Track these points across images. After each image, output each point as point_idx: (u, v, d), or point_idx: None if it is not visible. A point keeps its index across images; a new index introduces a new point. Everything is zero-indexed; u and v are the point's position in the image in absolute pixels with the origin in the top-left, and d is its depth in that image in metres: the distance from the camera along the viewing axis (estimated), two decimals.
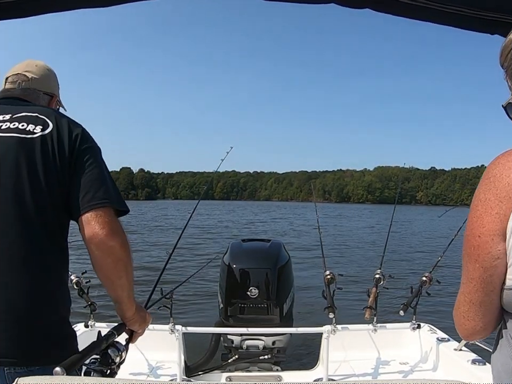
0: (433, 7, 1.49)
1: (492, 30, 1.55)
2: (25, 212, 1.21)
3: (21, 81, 1.53)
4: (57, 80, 1.69)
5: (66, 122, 1.35)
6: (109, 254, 1.28)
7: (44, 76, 1.59)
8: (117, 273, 1.33)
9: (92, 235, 1.26)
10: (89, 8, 1.62)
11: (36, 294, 1.19)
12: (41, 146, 1.26)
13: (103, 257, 1.29)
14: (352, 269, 11.10)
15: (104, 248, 1.27)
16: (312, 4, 1.64)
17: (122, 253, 1.30)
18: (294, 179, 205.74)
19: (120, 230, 1.32)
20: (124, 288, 1.39)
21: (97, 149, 1.40)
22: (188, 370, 3.07)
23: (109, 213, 1.29)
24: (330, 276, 3.10)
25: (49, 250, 1.25)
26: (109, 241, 1.26)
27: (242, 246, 3.43)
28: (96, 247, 1.27)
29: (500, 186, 0.86)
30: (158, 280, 2.65)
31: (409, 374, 3.02)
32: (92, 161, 1.33)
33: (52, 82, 1.64)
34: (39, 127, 1.29)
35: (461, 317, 1.00)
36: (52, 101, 1.62)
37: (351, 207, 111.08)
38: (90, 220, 1.26)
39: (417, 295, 2.99)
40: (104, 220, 1.27)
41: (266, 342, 3.10)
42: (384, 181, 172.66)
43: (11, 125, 1.29)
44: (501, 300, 0.93)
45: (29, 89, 1.52)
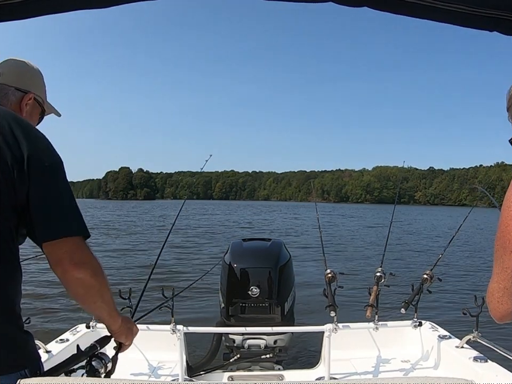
0: (432, 5, 1.48)
1: (491, 27, 1.55)
2: None
3: None
4: (38, 78, 1.58)
5: (20, 128, 1.21)
6: (79, 285, 1.24)
7: (18, 72, 1.49)
8: (91, 298, 1.31)
9: (60, 271, 1.21)
10: (87, 9, 1.59)
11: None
12: None
13: (73, 288, 1.25)
14: (353, 267, 11.12)
15: (73, 281, 1.23)
16: (310, 3, 1.63)
17: (93, 282, 1.25)
18: (293, 179, 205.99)
19: (88, 258, 1.25)
20: (101, 309, 1.38)
21: (59, 161, 1.27)
22: (189, 370, 3.07)
23: (73, 243, 1.21)
24: (331, 274, 3.10)
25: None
26: (77, 273, 1.21)
27: (243, 246, 3.42)
28: (66, 281, 1.23)
29: None
30: (149, 278, 2.68)
31: (411, 372, 3.02)
32: (50, 180, 1.21)
33: (28, 78, 1.52)
34: None
35: (495, 302, 1.13)
36: (25, 98, 1.48)
37: (349, 207, 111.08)
38: (55, 251, 1.20)
39: (418, 293, 2.99)
40: (68, 253, 1.20)
41: (268, 341, 3.10)
42: (382, 180, 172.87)
43: None
44: None
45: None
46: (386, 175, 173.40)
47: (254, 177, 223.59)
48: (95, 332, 3.21)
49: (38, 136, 1.26)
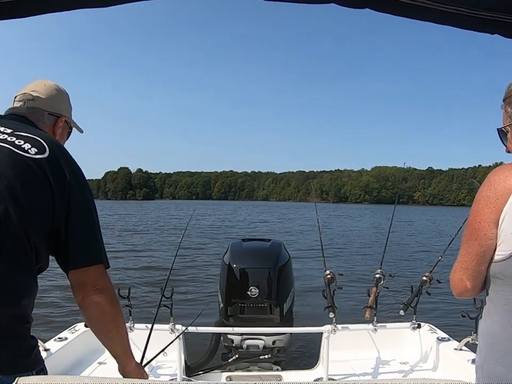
0: (433, 7, 1.48)
1: (491, 30, 1.55)
2: None
3: (26, 100, 1.53)
4: (67, 100, 1.68)
5: (64, 157, 1.32)
6: (95, 308, 1.33)
7: (50, 96, 1.58)
8: (106, 328, 1.39)
9: (81, 295, 1.31)
10: (88, 8, 1.59)
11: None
12: (31, 167, 1.22)
13: (90, 311, 1.34)
14: (352, 268, 11.11)
15: (91, 305, 1.32)
16: (312, 4, 1.63)
17: (109, 309, 1.35)
18: (292, 179, 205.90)
19: (108, 287, 1.35)
20: (116, 341, 1.45)
21: (91, 195, 1.39)
22: (188, 370, 3.06)
23: (98, 271, 1.32)
24: (331, 275, 3.10)
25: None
26: (96, 297, 1.31)
27: (243, 246, 3.42)
28: (85, 305, 1.33)
29: (498, 188, 1.18)
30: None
31: (409, 374, 3.02)
32: (87, 211, 1.33)
33: (60, 102, 1.63)
34: (34, 149, 1.25)
35: (457, 279, 1.33)
36: (58, 122, 1.59)
37: (348, 207, 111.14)
38: (81, 276, 1.30)
39: (417, 295, 2.99)
40: (92, 279, 1.30)
41: (267, 342, 3.10)
42: (381, 181, 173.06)
43: (9, 138, 1.26)
44: (488, 271, 1.24)
45: (33, 108, 1.52)
46: (385, 175, 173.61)
47: (253, 178, 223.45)
48: None
49: (77, 169, 1.35)
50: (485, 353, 1.26)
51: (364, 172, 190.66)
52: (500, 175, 1.19)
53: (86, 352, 3.19)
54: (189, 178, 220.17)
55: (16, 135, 1.28)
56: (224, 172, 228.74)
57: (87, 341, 3.23)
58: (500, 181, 1.18)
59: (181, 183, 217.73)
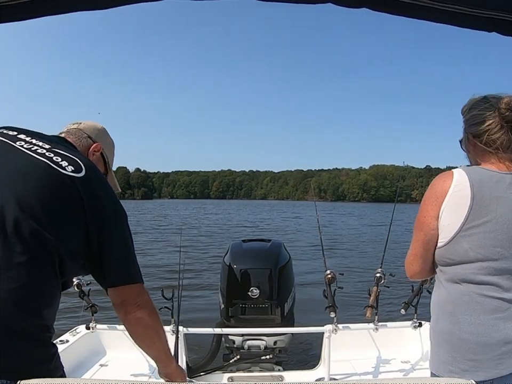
0: (431, 6, 1.47)
1: (490, 28, 1.55)
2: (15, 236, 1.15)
3: (72, 124, 1.64)
4: (110, 143, 1.75)
5: (99, 178, 1.37)
6: (139, 324, 1.40)
7: (95, 127, 1.68)
8: (150, 339, 1.46)
9: (123, 312, 1.37)
10: (88, 10, 1.59)
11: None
12: (66, 183, 1.25)
13: (134, 327, 1.42)
14: (353, 267, 11.09)
15: (134, 320, 1.39)
16: (309, 4, 1.63)
17: (151, 322, 1.41)
18: (290, 178, 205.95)
19: (147, 302, 1.41)
20: (159, 349, 1.52)
21: (125, 214, 1.42)
22: (189, 371, 3.06)
23: (137, 288, 1.38)
24: (331, 275, 3.10)
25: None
26: (138, 313, 1.37)
27: (243, 246, 3.42)
28: (128, 321, 1.39)
29: (437, 189, 1.49)
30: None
31: (411, 373, 3.03)
32: (122, 230, 1.37)
33: (101, 136, 1.69)
34: (71, 167, 1.28)
35: (408, 263, 1.63)
36: (94, 146, 1.62)
37: (346, 205, 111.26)
38: (121, 294, 1.35)
39: (418, 294, 2.99)
40: (132, 297, 1.36)
41: (268, 342, 3.10)
42: (379, 179, 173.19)
43: (47, 153, 1.29)
44: (434, 255, 1.53)
45: (74, 129, 1.60)
46: (383, 174, 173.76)
47: (251, 176, 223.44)
48: (95, 333, 3.21)
49: (111, 192, 1.40)
50: (435, 317, 1.56)
51: (362, 171, 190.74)
52: (440, 179, 1.51)
53: (87, 354, 3.19)
54: (187, 177, 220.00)
55: (54, 152, 1.31)
56: (222, 171, 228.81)
57: (89, 343, 3.23)
58: (439, 184, 1.49)
59: (179, 183, 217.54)
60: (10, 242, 1.13)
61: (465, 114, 1.60)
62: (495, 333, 1.40)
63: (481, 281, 1.42)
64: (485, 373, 1.40)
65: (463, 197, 1.43)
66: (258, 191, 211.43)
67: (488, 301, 1.41)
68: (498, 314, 1.40)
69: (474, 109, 1.56)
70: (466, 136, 1.61)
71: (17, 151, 1.27)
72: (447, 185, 1.47)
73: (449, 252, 1.47)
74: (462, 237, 1.43)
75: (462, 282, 1.45)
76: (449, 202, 1.45)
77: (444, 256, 1.49)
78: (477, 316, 1.42)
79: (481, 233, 1.41)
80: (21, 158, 1.26)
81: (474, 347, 1.41)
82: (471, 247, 1.42)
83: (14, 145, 1.29)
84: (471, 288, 1.43)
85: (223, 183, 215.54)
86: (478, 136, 1.54)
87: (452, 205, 1.45)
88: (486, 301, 1.42)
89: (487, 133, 1.51)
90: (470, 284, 1.44)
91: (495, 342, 1.39)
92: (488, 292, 1.42)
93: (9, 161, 1.25)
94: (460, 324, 1.44)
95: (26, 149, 1.29)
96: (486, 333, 1.40)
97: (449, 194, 1.46)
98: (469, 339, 1.42)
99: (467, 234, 1.42)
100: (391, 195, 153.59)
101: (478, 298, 1.42)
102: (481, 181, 1.44)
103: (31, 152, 1.28)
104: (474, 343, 1.41)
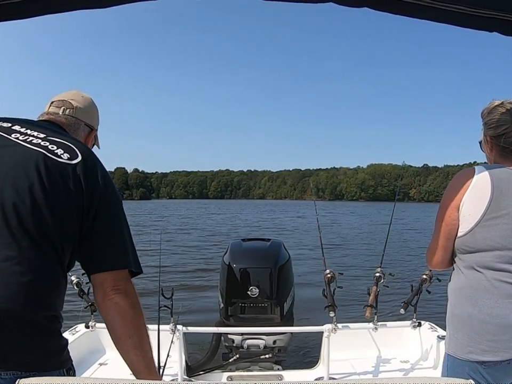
0: (432, 5, 1.48)
1: (490, 28, 1.55)
2: (16, 224, 1.15)
3: (66, 107, 1.57)
4: (98, 116, 1.73)
5: (95, 163, 1.34)
6: (116, 311, 1.27)
7: (89, 108, 1.64)
8: (127, 331, 1.27)
9: (101, 295, 1.27)
10: (86, 9, 1.59)
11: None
12: (63, 172, 1.24)
13: (111, 315, 1.28)
14: (352, 267, 11.09)
15: (111, 306, 1.27)
16: (310, 3, 1.62)
17: (131, 313, 1.28)
18: (288, 177, 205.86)
19: (130, 290, 1.30)
20: (137, 350, 1.29)
21: (120, 200, 1.39)
22: (188, 370, 3.07)
23: (122, 274, 1.29)
24: (331, 274, 3.11)
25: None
26: (116, 298, 1.26)
27: (243, 246, 3.42)
28: (105, 306, 1.27)
29: (458, 184, 1.60)
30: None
31: (410, 372, 3.03)
32: (115, 216, 1.33)
33: (94, 116, 1.69)
34: (67, 155, 1.28)
35: (431, 254, 1.72)
36: (91, 134, 1.65)
37: (344, 204, 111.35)
38: (102, 280, 1.27)
39: (417, 293, 3.00)
40: (114, 280, 1.27)
41: (267, 341, 3.11)
42: (377, 178, 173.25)
43: (42, 142, 1.29)
44: (454, 245, 1.62)
45: (72, 118, 1.56)
46: (381, 173, 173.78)
47: (249, 176, 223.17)
48: (95, 332, 3.20)
49: (107, 177, 1.36)
50: (453, 302, 1.63)
51: (360, 170, 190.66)
52: (462, 174, 1.63)
53: (87, 353, 3.19)
54: (185, 177, 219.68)
55: (49, 140, 1.31)
56: (221, 170, 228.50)
57: (88, 342, 3.23)
58: (461, 178, 1.61)
59: (177, 183, 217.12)
60: (16, 236, 1.13)
61: (485, 117, 1.71)
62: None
63: (499, 268, 1.52)
64: (504, 353, 1.48)
65: (484, 190, 1.54)
66: (256, 190, 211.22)
67: (506, 286, 1.50)
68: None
69: (492, 113, 1.67)
70: (485, 138, 1.71)
71: (13, 144, 1.27)
72: (468, 178, 1.58)
73: (469, 241, 1.56)
74: (481, 227, 1.53)
75: (481, 269, 1.54)
76: (470, 195, 1.56)
77: (464, 245, 1.58)
78: (495, 299, 1.50)
79: (499, 224, 1.52)
80: (18, 150, 1.26)
81: (494, 328, 1.49)
82: (490, 237, 1.52)
83: (10, 138, 1.29)
84: (490, 274, 1.53)
85: (221, 183, 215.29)
86: (496, 138, 1.66)
87: (472, 197, 1.56)
88: (504, 286, 1.50)
89: (504, 136, 1.63)
90: (489, 270, 1.53)
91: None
92: (506, 278, 1.51)
93: (6, 155, 1.25)
94: (479, 306, 1.52)
95: (22, 140, 1.29)
96: (504, 315, 1.49)
97: (470, 188, 1.56)
98: (488, 321, 1.50)
99: (486, 225, 1.53)
100: (389, 194, 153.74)
101: (496, 283, 1.51)
102: (500, 177, 1.56)
103: (26, 143, 1.28)
104: (494, 324, 1.49)
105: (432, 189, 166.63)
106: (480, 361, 1.50)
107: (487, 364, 1.49)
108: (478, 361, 1.51)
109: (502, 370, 1.50)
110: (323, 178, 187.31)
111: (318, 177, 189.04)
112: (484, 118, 1.71)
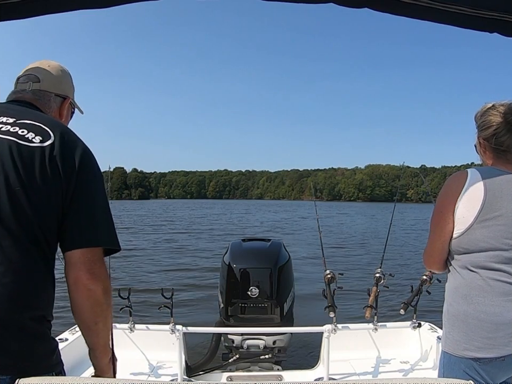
0: (432, 6, 1.48)
1: (491, 29, 1.56)
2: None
3: (32, 82, 1.46)
4: (71, 80, 1.62)
5: (70, 140, 1.27)
6: (88, 297, 1.22)
7: (56, 77, 1.53)
8: (94, 318, 1.26)
9: (73, 277, 1.21)
10: (87, 9, 1.58)
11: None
12: (37, 157, 1.18)
13: (81, 300, 1.23)
14: (352, 267, 11.08)
15: (83, 291, 1.21)
16: (310, 4, 1.62)
17: (102, 299, 1.24)
18: (286, 178, 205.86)
19: (104, 274, 1.25)
20: (99, 334, 1.31)
21: (99, 176, 1.31)
22: (188, 370, 3.07)
23: (95, 254, 1.23)
24: (331, 275, 3.11)
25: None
26: (90, 284, 1.21)
27: (243, 246, 3.41)
28: (76, 289, 1.22)
29: (452, 187, 1.63)
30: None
31: (410, 373, 3.03)
32: (90, 191, 1.27)
33: (65, 83, 1.57)
34: (39, 137, 1.21)
35: (427, 256, 1.76)
36: (64, 103, 1.54)
37: (342, 205, 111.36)
38: (75, 260, 1.21)
39: (417, 294, 3.00)
40: (88, 262, 1.20)
41: (267, 342, 3.10)
42: (374, 179, 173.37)
43: (11, 128, 1.22)
44: (450, 246, 1.65)
45: (39, 92, 1.46)
46: (379, 173, 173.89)
47: (247, 176, 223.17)
48: None
49: (84, 150, 1.29)
50: (449, 300, 1.67)
51: (358, 170, 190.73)
52: (455, 177, 1.66)
53: (87, 353, 3.18)
54: (183, 177, 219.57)
55: (19, 124, 1.24)
56: (219, 171, 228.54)
57: None
58: (454, 181, 1.64)
59: (175, 183, 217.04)
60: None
61: (477, 120, 1.75)
62: (507, 313, 1.52)
63: (494, 267, 1.56)
64: (499, 350, 1.52)
65: (477, 192, 1.57)
66: (254, 190, 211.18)
67: (500, 285, 1.54)
68: (509, 297, 1.53)
69: (484, 115, 1.71)
70: (479, 141, 1.76)
71: None
72: (462, 182, 1.61)
73: (464, 242, 1.60)
74: (475, 228, 1.57)
75: (476, 269, 1.58)
76: (464, 197, 1.59)
77: (459, 246, 1.62)
78: (490, 297, 1.54)
79: (492, 225, 1.55)
80: None
81: (489, 326, 1.53)
82: (483, 238, 1.56)
83: None
84: (485, 273, 1.57)
85: (219, 183, 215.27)
86: (487, 139, 1.69)
87: (466, 200, 1.59)
88: (498, 285, 1.55)
89: (495, 136, 1.66)
90: (483, 269, 1.57)
91: (507, 322, 1.52)
92: (500, 277, 1.55)
93: None
94: (474, 304, 1.56)
95: None
96: (499, 313, 1.53)
97: (464, 190, 1.60)
98: (483, 318, 1.54)
99: (480, 227, 1.56)
100: (386, 194, 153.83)
101: (491, 282, 1.55)
102: (493, 179, 1.59)
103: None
104: (489, 322, 1.53)
105: (430, 189, 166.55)
106: (475, 358, 1.54)
107: (482, 360, 1.53)
108: (473, 358, 1.54)
109: (497, 367, 1.53)
110: (321, 179, 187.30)
111: (316, 178, 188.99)
112: (477, 121, 1.75)
